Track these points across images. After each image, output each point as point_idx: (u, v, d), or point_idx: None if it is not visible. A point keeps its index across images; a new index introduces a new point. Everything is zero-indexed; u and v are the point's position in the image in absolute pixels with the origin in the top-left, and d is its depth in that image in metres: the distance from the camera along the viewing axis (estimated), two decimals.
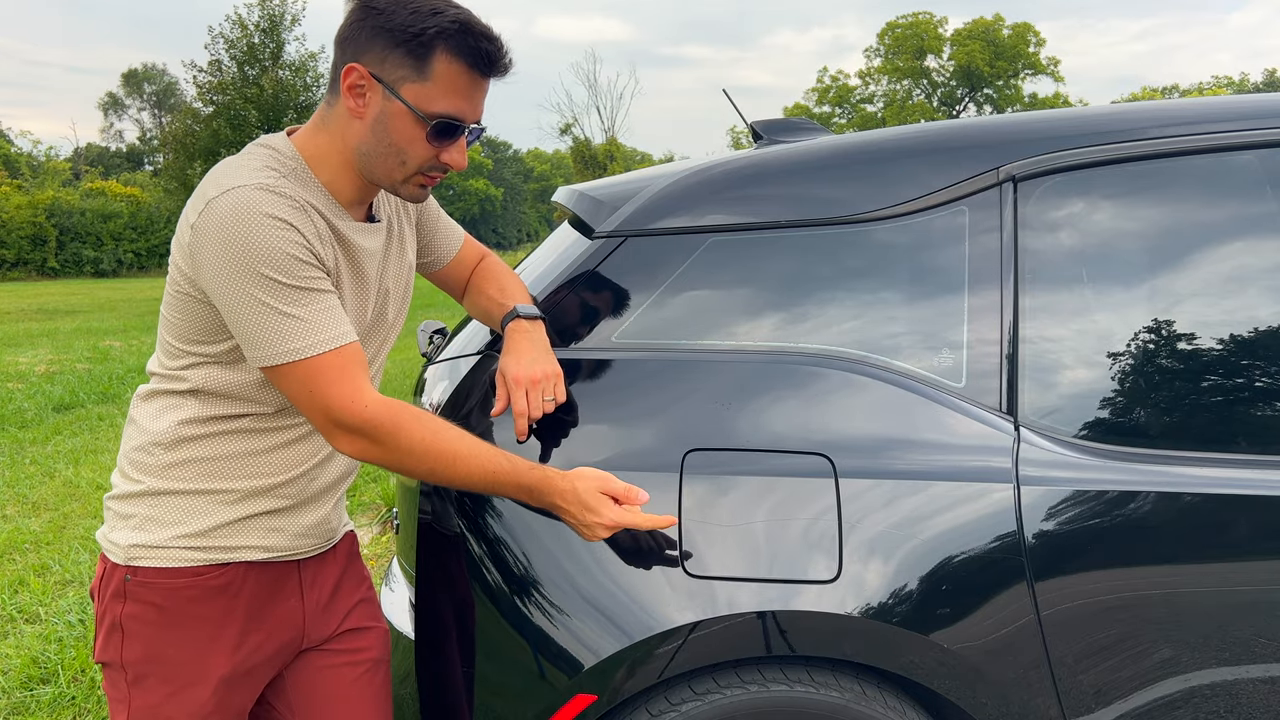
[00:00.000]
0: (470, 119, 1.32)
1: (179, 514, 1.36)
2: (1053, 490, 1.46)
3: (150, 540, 1.36)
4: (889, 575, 1.43)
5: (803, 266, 1.60)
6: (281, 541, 1.43)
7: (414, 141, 1.30)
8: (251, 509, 1.39)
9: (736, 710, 1.44)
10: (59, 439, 6.52)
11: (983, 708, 1.45)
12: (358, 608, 1.57)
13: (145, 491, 1.37)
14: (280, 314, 1.22)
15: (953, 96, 57.59)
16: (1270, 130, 1.59)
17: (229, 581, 1.38)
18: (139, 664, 1.37)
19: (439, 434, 1.30)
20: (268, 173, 1.28)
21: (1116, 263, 1.59)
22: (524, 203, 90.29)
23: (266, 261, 1.21)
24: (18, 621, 3.46)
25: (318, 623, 1.51)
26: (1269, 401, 1.55)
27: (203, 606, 1.37)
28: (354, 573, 1.60)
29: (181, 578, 1.36)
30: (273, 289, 1.22)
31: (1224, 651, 1.46)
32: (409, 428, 1.28)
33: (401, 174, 1.33)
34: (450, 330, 2.07)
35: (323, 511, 1.48)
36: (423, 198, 1.39)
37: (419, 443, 1.28)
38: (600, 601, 1.44)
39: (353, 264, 1.38)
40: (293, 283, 1.23)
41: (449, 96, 1.28)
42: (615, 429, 1.53)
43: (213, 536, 1.37)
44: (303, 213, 1.26)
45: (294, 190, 1.27)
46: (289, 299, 1.23)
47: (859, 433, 1.51)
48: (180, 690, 1.36)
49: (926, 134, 1.70)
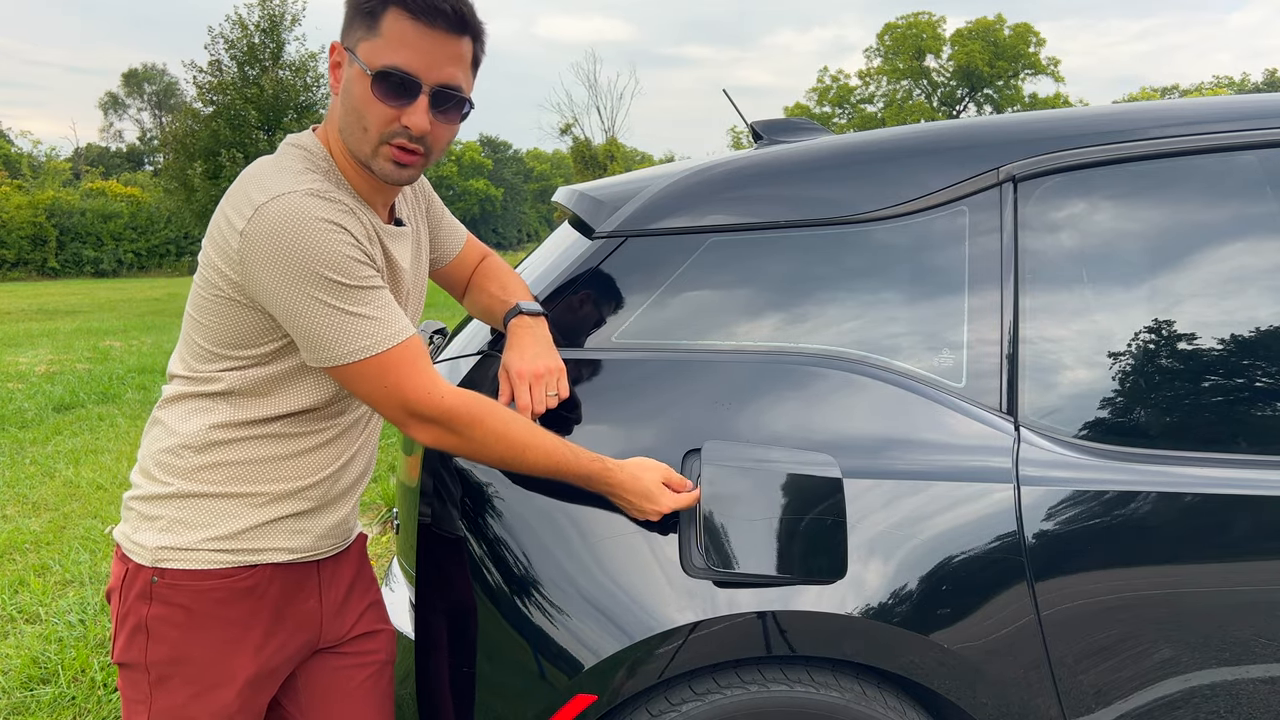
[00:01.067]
0: (426, 76, 1.27)
1: (208, 516, 1.37)
2: (1053, 490, 1.46)
3: (179, 543, 1.36)
4: (889, 575, 1.43)
5: (803, 267, 1.60)
6: (306, 543, 1.44)
7: (369, 102, 1.28)
8: (279, 511, 1.40)
9: (736, 710, 1.44)
10: (59, 439, 6.52)
11: (983, 708, 1.45)
12: (369, 610, 1.59)
13: (174, 494, 1.37)
14: (347, 314, 1.25)
15: (953, 97, 57.58)
16: (1270, 130, 1.59)
17: (257, 583, 1.39)
18: (163, 665, 1.37)
19: (510, 424, 1.36)
20: (310, 176, 1.29)
21: (1117, 263, 1.59)
22: (524, 203, 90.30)
23: (328, 264, 1.23)
24: (18, 621, 3.46)
25: (333, 623, 1.52)
26: (1269, 401, 1.55)
27: (230, 608, 1.37)
28: (366, 575, 1.61)
29: (210, 579, 1.36)
30: (337, 290, 1.24)
31: (1224, 651, 1.46)
32: (484, 419, 1.34)
33: (369, 144, 1.31)
34: (450, 330, 2.07)
35: (344, 512, 1.50)
36: (400, 175, 1.33)
37: (492, 433, 1.34)
38: (600, 601, 1.44)
39: (390, 265, 1.41)
40: (354, 283, 1.26)
41: (395, 49, 1.26)
42: (615, 429, 1.53)
43: (242, 539, 1.38)
44: (352, 215, 1.29)
45: (337, 193, 1.30)
46: (354, 299, 1.26)
47: (859, 433, 1.51)
48: (205, 691, 1.37)
49: (926, 134, 1.70)
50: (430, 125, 1.30)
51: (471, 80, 1.36)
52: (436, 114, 1.31)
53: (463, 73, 1.32)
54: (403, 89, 1.27)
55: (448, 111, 1.32)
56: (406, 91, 1.28)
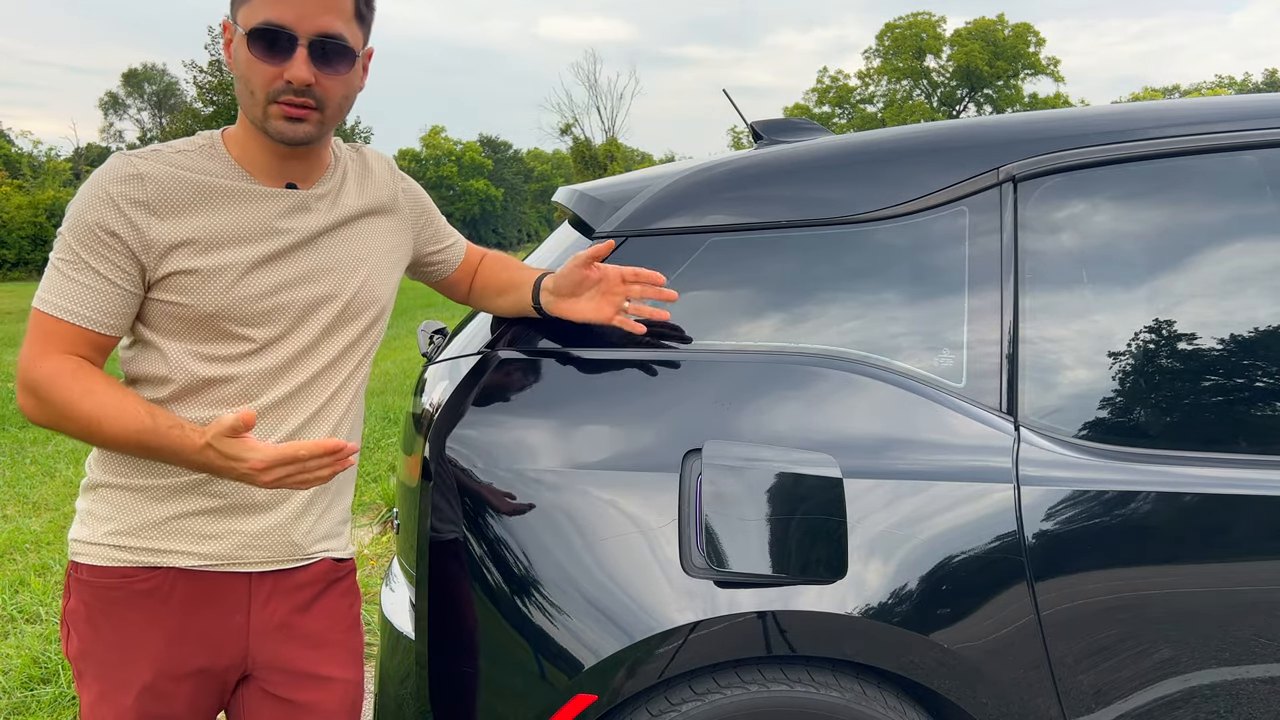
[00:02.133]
0: (300, 27, 1.26)
1: (111, 509, 1.34)
2: (1053, 490, 1.46)
3: (86, 535, 1.35)
4: (889, 575, 1.43)
5: (803, 267, 1.60)
6: (219, 549, 1.35)
7: (250, 63, 1.28)
8: (181, 507, 1.34)
9: (737, 710, 1.44)
10: (59, 439, 6.52)
11: (983, 708, 1.45)
12: (326, 649, 1.45)
13: (90, 484, 1.38)
14: (53, 267, 1.30)
15: (952, 97, 57.59)
16: (1270, 130, 1.59)
17: (156, 587, 1.34)
18: (78, 660, 1.36)
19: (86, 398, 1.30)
20: (160, 147, 1.34)
21: (1116, 263, 1.59)
22: (524, 203, 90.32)
23: (70, 224, 1.29)
24: (18, 621, 3.46)
25: (266, 647, 1.40)
26: (1269, 401, 1.55)
27: (128, 610, 1.33)
28: (333, 608, 1.47)
29: (110, 578, 1.34)
30: (63, 247, 1.29)
31: (1224, 651, 1.46)
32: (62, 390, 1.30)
33: (258, 106, 1.29)
34: (450, 330, 2.07)
35: (273, 520, 1.38)
36: (295, 131, 1.30)
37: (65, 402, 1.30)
38: (600, 601, 1.44)
39: (259, 229, 1.34)
40: (79, 249, 1.28)
41: (268, 5, 1.26)
42: (615, 429, 1.53)
43: (143, 536, 1.34)
44: (170, 167, 1.30)
45: (187, 156, 1.33)
46: (70, 259, 1.28)
47: (859, 433, 1.51)
48: (109, 691, 1.34)
49: (926, 134, 1.70)
50: (313, 77, 1.28)
51: (358, 31, 1.33)
52: (320, 66, 1.28)
53: (343, 22, 1.30)
54: (278, 43, 1.27)
55: (332, 62, 1.30)
56: (283, 44, 1.27)
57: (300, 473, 1.24)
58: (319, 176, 1.42)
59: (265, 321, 1.34)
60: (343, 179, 1.45)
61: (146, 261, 1.28)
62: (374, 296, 1.46)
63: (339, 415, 1.44)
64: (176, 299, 1.30)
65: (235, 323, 1.32)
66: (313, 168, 1.41)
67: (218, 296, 1.30)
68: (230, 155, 1.35)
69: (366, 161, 1.52)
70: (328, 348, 1.41)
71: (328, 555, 1.47)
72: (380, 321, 1.50)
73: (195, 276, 1.29)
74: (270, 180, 1.36)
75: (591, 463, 1.50)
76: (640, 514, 1.46)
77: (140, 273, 1.29)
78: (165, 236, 1.28)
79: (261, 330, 1.34)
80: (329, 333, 1.41)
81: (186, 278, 1.29)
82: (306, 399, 1.40)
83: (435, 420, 1.61)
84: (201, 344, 1.33)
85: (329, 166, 1.44)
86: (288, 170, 1.38)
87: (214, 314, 1.31)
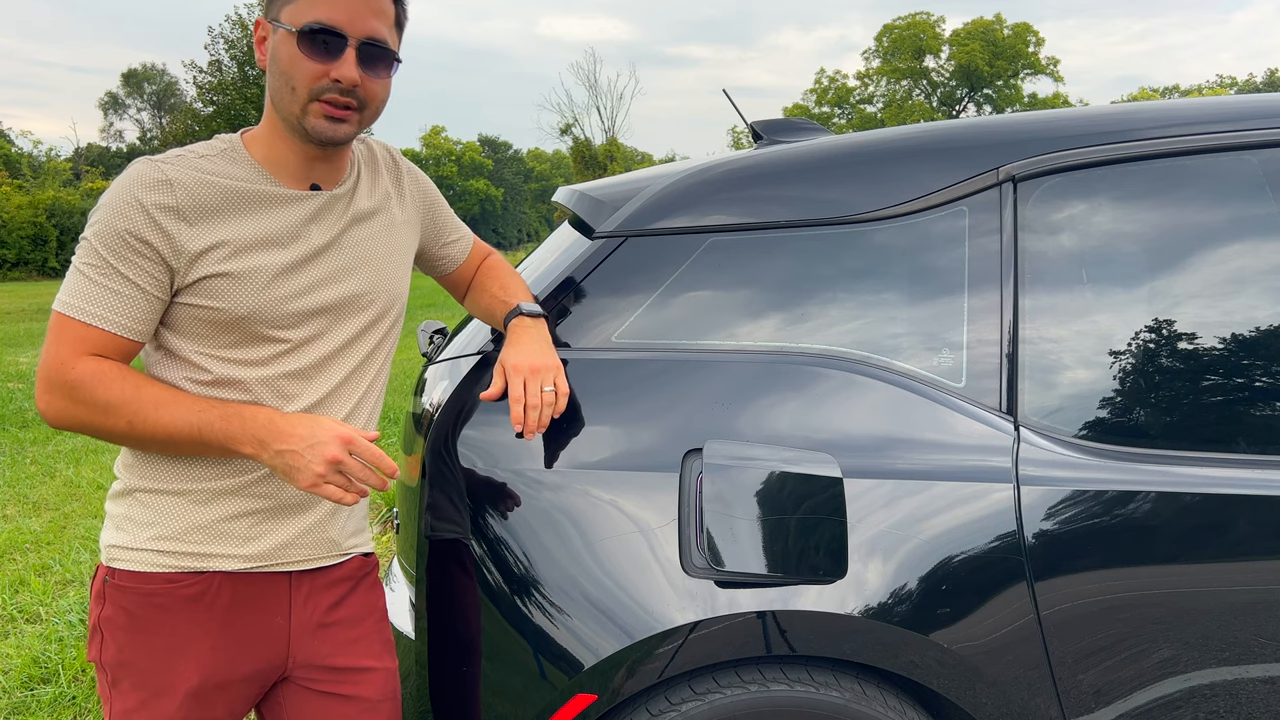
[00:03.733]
0: (351, 29, 1.29)
1: (153, 514, 1.34)
2: (1053, 490, 1.46)
3: (126, 541, 1.34)
4: (889, 575, 1.43)
5: (803, 267, 1.60)
6: (264, 549, 1.37)
7: (295, 60, 1.29)
8: (224, 511, 1.35)
9: (736, 710, 1.44)
10: (60, 439, 6.53)
11: (983, 708, 1.45)
12: (361, 641, 1.46)
13: (124, 490, 1.37)
14: (76, 270, 1.29)
15: (952, 97, 57.59)
16: (1270, 130, 1.59)
17: (203, 591, 1.34)
18: (114, 668, 1.35)
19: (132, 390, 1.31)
20: (183, 151, 1.34)
21: (1116, 263, 1.59)
22: (524, 203, 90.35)
23: (95, 230, 1.29)
24: (18, 621, 3.46)
25: (306, 646, 1.41)
26: (1269, 401, 1.55)
27: (173, 616, 1.33)
28: (364, 602, 1.49)
29: (154, 583, 1.33)
30: (88, 252, 1.29)
31: (1224, 651, 1.46)
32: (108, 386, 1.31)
33: (298, 104, 1.30)
34: (450, 330, 2.08)
35: (313, 519, 1.40)
36: (335, 131, 1.32)
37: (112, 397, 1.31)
38: (600, 601, 1.44)
39: (283, 234, 1.35)
40: (105, 254, 1.27)
41: (318, 5, 1.28)
42: (615, 429, 1.54)
43: (186, 541, 1.33)
44: (196, 172, 1.30)
45: (211, 161, 1.32)
46: (95, 264, 1.28)
47: (860, 432, 1.51)
48: (150, 699, 1.33)
49: (926, 134, 1.70)
50: (360, 78, 1.30)
51: (396, 39, 1.37)
52: (365, 68, 1.31)
53: (387, 28, 1.34)
54: (329, 43, 1.29)
55: (375, 66, 1.33)
56: (333, 45, 1.29)
57: (346, 485, 1.27)
58: (340, 177, 1.43)
59: (298, 323, 1.36)
60: (358, 177, 1.47)
61: (177, 267, 1.28)
62: (397, 292, 1.49)
63: (366, 416, 1.46)
64: (208, 303, 1.30)
65: (268, 325, 1.33)
66: (337, 169, 1.42)
67: (250, 299, 1.31)
68: (253, 158, 1.36)
69: (374, 154, 1.53)
70: (359, 347, 1.43)
71: (358, 550, 1.50)
72: (400, 319, 1.51)
73: (228, 280, 1.30)
74: (295, 182, 1.37)
75: (591, 463, 1.50)
76: (640, 514, 1.46)
77: (170, 279, 1.29)
78: (197, 242, 1.28)
79: (295, 332, 1.36)
80: (361, 333, 1.43)
81: (219, 281, 1.29)
82: (337, 400, 1.41)
83: (435, 420, 1.61)
84: (227, 348, 1.33)
85: (349, 166, 1.46)
86: (314, 172, 1.39)
87: (246, 316, 1.31)
